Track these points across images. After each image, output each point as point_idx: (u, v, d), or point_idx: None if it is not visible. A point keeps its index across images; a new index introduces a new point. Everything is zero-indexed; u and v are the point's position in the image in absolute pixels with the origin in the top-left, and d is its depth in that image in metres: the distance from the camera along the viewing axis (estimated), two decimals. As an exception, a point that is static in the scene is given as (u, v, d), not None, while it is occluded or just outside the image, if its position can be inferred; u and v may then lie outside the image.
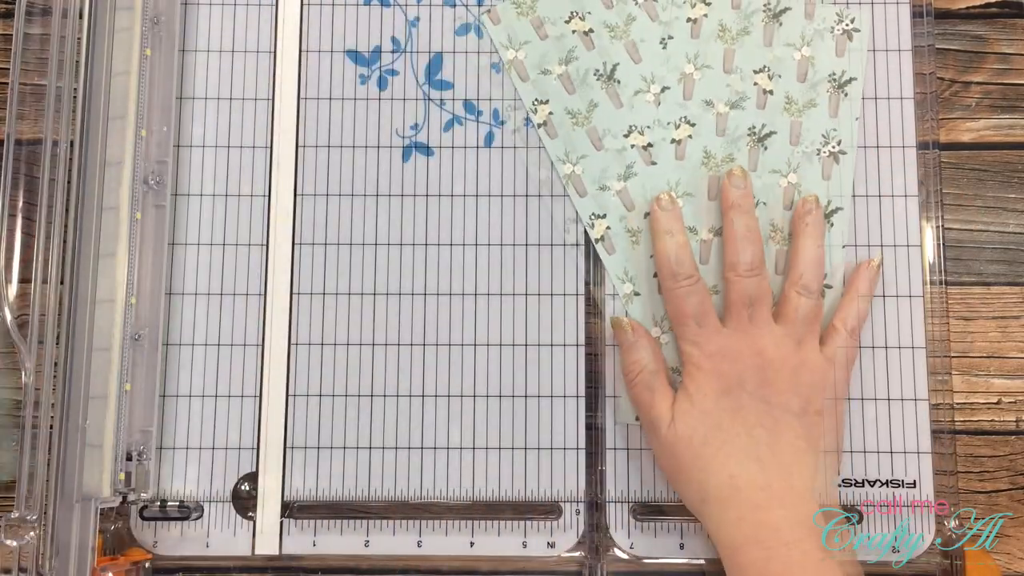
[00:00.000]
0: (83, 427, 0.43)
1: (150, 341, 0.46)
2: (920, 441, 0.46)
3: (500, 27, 0.49)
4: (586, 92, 0.48)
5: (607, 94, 0.48)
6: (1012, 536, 0.47)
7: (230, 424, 0.47)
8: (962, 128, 0.49)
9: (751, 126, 0.48)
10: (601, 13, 0.49)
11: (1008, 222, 0.49)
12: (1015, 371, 0.48)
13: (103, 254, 0.44)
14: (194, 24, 0.49)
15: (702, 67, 0.48)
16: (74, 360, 0.43)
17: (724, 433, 0.40)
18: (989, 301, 0.48)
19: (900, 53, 0.48)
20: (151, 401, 0.46)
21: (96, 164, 0.44)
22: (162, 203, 0.47)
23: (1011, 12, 0.50)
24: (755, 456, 0.39)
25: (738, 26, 0.48)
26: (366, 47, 0.49)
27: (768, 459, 0.39)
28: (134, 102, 0.46)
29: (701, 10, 0.48)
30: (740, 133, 0.48)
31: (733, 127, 0.48)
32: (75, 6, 0.44)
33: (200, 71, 0.49)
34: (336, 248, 0.48)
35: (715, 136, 0.48)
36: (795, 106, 0.48)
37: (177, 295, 0.48)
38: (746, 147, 0.48)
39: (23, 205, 0.45)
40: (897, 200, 0.47)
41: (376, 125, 0.49)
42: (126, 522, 0.46)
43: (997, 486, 0.47)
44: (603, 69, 0.48)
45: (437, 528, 0.46)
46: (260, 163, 0.48)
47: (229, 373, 0.47)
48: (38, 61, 0.45)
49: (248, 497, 0.46)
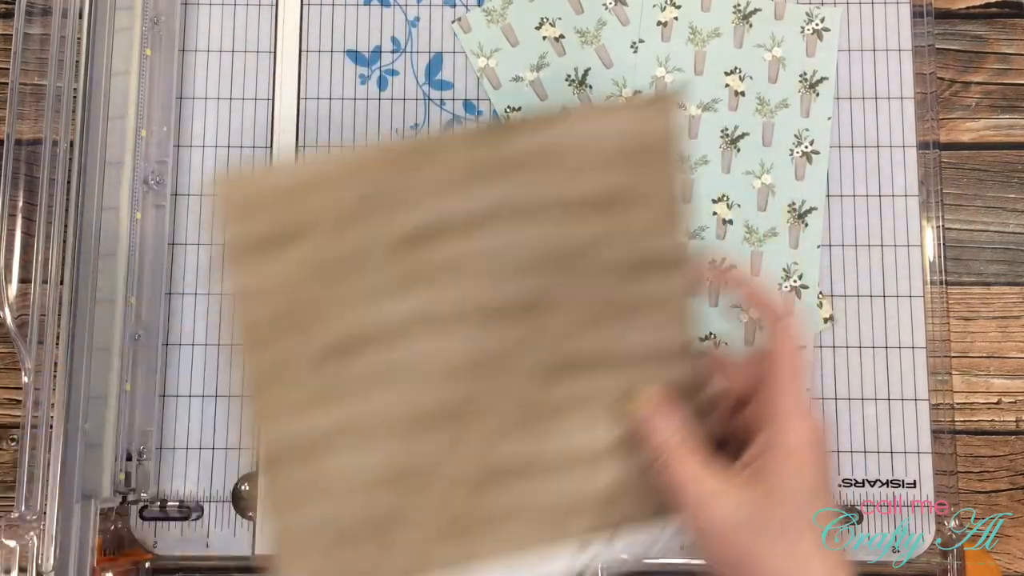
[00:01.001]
0: (83, 427, 0.43)
1: (150, 341, 0.46)
2: (920, 441, 0.46)
3: (471, 35, 0.49)
4: (558, 97, 0.48)
5: (579, 99, 0.48)
6: (1012, 536, 0.47)
7: (230, 424, 0.47)
8: (962, 128, 0.49)
9: (723, 128, 0.48)
10: (571, 19, 0.48)
11: (1008, 222, 0.49)
12: (1015, 371, 0.48)
13: (103, 254, 0.44)
14: (194, 24, 0.49)
15: (673, 70, 0.48)
16: (74, 360, 0.43)
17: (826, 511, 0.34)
18: (989, 301, 0.48)
19: (900, 53, 0.48)
20: (151, 401, 0.46)
21: (96, 164, 0.44)
22: (162, 203, 0.47)
23: (1011, 12, 0.50)
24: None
25: (708, 28, 0.48)
26: (366, 47, 0.49)
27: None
28: (134, 102, 0.46)
29: (671, 13, 0.48)
30: (713, 135, 0.48)
31: (706, 130, 0.48)
32: (75, 6, 0.44)
33: (200, 71, 0.49)
34: (336, 248, 0.48)
35: (688, 139, 0.48)
36: (767, 107, 0.48)
37: (177, 295, 0.48)
38: (719, 149, 0.48)
39: (23, 205, 0.45)
40: (897, 200, 0.47)
41: (376, 125, 0.49)
42: (126, 522, 0.46)
43: (997, 486, 0.47)
44: (574, 75, 0.48)
45: (437, 528, 0.46)
46: (260, 163, 0.48)
47: (229, 373, 0.47)
48: (38, 61, 0.45)
49: (248, 497, 0.46)
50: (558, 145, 0.35)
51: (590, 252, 0.35)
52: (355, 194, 0.34)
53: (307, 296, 0.34)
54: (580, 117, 0.35)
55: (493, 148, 0.35)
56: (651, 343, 0.35)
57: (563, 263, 0.35)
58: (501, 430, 0.35)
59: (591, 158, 0.35)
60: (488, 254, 0.35)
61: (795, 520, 0.33)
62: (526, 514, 0.35)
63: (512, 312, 0.35)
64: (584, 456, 0.35)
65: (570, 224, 0.35)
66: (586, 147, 0.35)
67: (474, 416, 0.35)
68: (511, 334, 0.35)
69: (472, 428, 0.35)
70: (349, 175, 0.34)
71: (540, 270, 0.35)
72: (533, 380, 0.35)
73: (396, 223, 0.34)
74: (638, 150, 0.35)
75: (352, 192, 0.34)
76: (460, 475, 0.35)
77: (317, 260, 0.34)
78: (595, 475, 0.35)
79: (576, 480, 0.35)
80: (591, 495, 0.36)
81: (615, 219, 0.35)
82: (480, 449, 0.35)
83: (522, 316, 0.35)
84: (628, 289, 0.35)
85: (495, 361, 0.35)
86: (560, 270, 0.35)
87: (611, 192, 0.35)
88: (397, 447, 0.35)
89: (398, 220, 0.34)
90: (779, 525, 0.33)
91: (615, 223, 0.35)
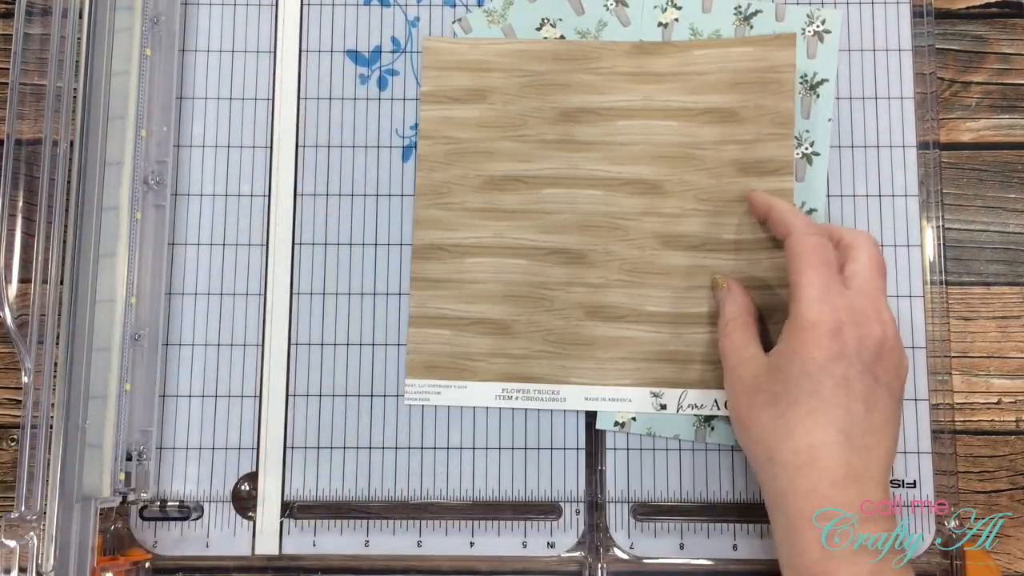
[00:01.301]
0: (83, 427, 0.43)
1: (150, 341, 0.46)
2: (920, 441, 0.46)
3: (471, 36, 0.49)
4: None
5: None
6: (1012, 536, 0.47)
7: (230, 424, 0.47)
8: (962, 128, 0.49)
9: None
10: (572, 20, 0.48)
11: (1008, 222, 0.49)
12: (1015, 371, 0.48)
13: (103, 254, 0.44)
14: (194, 24, 0.49)
15: None
16: (74, 360, 0.43)
17: (821, 402, 0.37)
18: (989, 301, 0.48)
19: (900, 53, 0.48)
20: (151, 401, 0.46)
21: (96, 164, 0.44)
22: (162, 203, 0.47)
23: (1011, 12, 0.50)
24: (845, 431, 0.37)
25: (710, 29, 0.48)
26: (366, 47, 0.49)
27: (856, 436, 0.37)
28: (134, 102, 0.46)
29: (672, 14, 0.48)
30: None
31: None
32: (75, 6, 0.44)
33: (200, 71, 0.49)
34: (336, 248, 0.48)
35: None
36: None
37: (177, 295, 0.48)
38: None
39: (23, 205, 0.45)
40: (897, 200, 0.47)
41: (376, 125, 0.49)
42: (126, 522, 0.46)
43: (997, 486, 0.47)
44: None
45: (437, 528, 0.46)
46: (260, 163, 0.48)
47: (229, 373, 0.47)
48: (38, 61, 0.45)
49: (248, 497, 0.46)
50: (694, 65, 0.47)
51: (708, 150, 0.46)
52: (519, 80, 0.47)
53: (478, 142, 0.47)
54: (716, 44, 0.47)
55: (643, 60, 0.47)
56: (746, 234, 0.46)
57: (685, 157, 0.46)
58: (611, 279, 0.46)
59: (719, 78, 0.47)
60: (624, 141, 0.47)
61: (787, 393, 0.38)
62: (614, 353, 0.46)
63: (638, 187, 0.46)
64: (670, 320, 0.46)
65: (695, 127, 0.46)
66: (717, 68, 0.47)
67: (589, 263, 0.46)
68: (636, 202, 0.46)
69: (588, 271, 0.46)
70: (519, 62, 0.47)
71: (665, 159, 0.46)
72: (645, 246, 0.46)
73: (558, 103, 0.47)
74: (760, 74, 0.47)
75: (518, 78, 0.47)
76: (570, 305, 0.46)
77: (489, 118, 0.47)
78: (678, 338, 0.46)
79: (663, 337, 0.46)
80: (671, 352, 0.46)
81: (732, 128, 0.46)
82: (591, 290, 0.46)
83: (646, 192, 0.46)
84: (734, 186, 0.46)
85: (615, 221, 0.46)
86: (681, 162, 0.46)
87: (732, 106, 0.47)
88: (525, 267, 0.46)
89: (560, 102, 0.47)
90: (771, 396, 0.39)
91: (731, 132, 0.46)
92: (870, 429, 0.38)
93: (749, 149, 0.46)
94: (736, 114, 0.47)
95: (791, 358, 0.38)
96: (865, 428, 0.37)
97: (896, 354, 0.39)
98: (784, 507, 0.38)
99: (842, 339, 0.38)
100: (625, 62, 0.47)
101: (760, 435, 0.39)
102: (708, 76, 0.47)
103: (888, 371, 0.39)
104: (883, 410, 0.38)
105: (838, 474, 0.37)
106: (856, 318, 0.38)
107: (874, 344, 0.38)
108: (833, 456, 0.37)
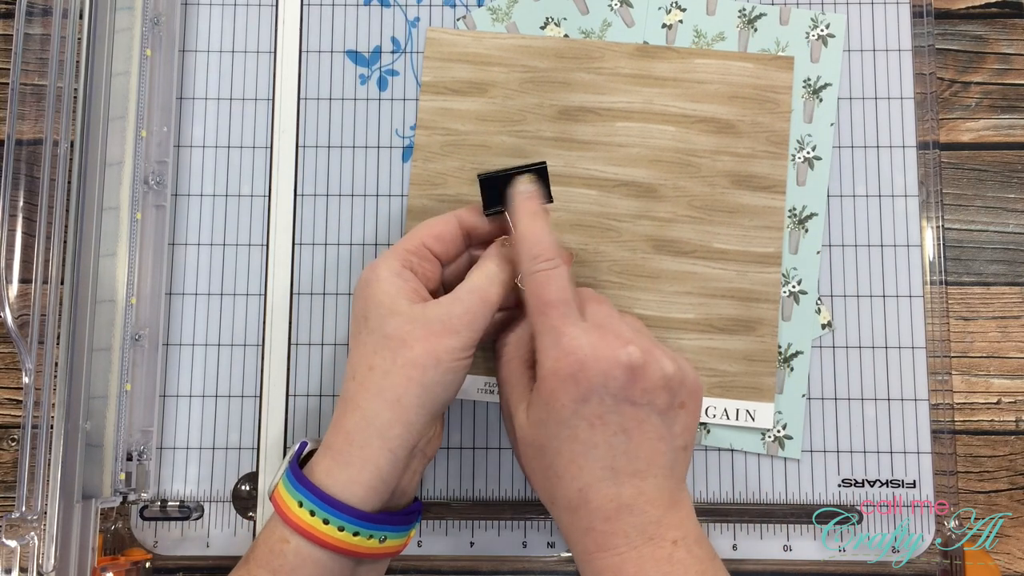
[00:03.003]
0: (83, 427, 0.43)
1: (150, 341, 0.46)
2: (920, 441, 0.46)
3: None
4: None
5: None
6: (1012, 536, 0.47)
7: (230, 424, 0.47)
8: (962, 128, 0.49)
9: None
10: (576, 19, 0.48)
11: (1008, 222, 0.49)
12: (1015, 371, 0.48)
13: (103, 254, 0.44)
14: (194, 24, 0.49)
15: None
16: (74, 360, 0.43)
17: (581, 445, 0.37)
18: (989, 301, 0.48)
19: (900, 53, 0.48)
20: (151, 401, 0.46)
21: (96, 164, 0.44)
22: (162, 203, 0.48)
23: (1011, 12, 0.50)
24: (610, 466, 0.37)
25: (713, 32, 0.48)
26: (366, 47, 0.49)
27: (623, 466, 0.37)
28: (134, 102, 0.46)
29: (676, 16, 0.48)
30: None
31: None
32: (75, 6, 0.44)
33: (200, 71, 0.49)
34: (336, 248, 0.48)
35: None
36: None
37: (177, 295, 0.48)
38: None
39: (23, 205, 0.45)
40: (897, 200, 0.47)
41: (376, 125, 0.49)
42: (126, 522, 0.46)
43: (997, 486, 0.47)
44: None
45: (437, 528, 0.46)
46: (260, 163, 0.48)
47: (229, 373, 0.47)
48: (38, 61, 0.45)
49: (248, 497, 0.46)
50: (695, 73, 0.47)
51: (704, 158, 0.47)
52: (520, 76, 0.48)
53: (476, 135, 0.47)
54: (717, 56, 0.48)
55: (645, 63, 0.47)
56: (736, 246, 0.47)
57: (681, 163, 0.47)
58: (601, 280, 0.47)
59: (718, 89, 0.47)
60: (622, 142, 0.47)
61: (549, 445, 0.38)
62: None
63: (633, 189, 0.47)
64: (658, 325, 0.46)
65: (692, 134, 0.47)
66: (717, 79, 0.47)
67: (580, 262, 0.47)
68: (630, 204, 0.47)
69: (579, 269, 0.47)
70: (522, 58, 0.48)
71: (661, 163, 0.47)
72: (636, 249, 0.47)
73: (558, 101, 0.47)
74: (758, 92, 0.47)
75: (519, 74, 0.48)
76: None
77: (488, 112, 0.47)
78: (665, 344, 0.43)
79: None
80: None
81: (728, 140, 0.47)
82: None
83: (640, 195, 0.47)
84: (727, 196, 0.47)
85: (607, 222, 0.47)
86: (677, 167, 0.47)
87: (729, 118, 0.47)
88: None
89: (560, 99, 0.47)
90: (538, 448, 0.38)
91: (728, 143, 0.47)
92: (638, 455, 0.37)
93: (744, 162, 0.47)
94: (733, 127, 0.47)
95: (545, 409, 0.37)
96: (632, 456, 0.37)
97: (650, 368, 0.37)
98: (571, 546, 0.38)
99: (586, 378, 0.36)
100: (627, 64, 0.47)
101: (538, 484, 0.39)
102: (708, 86, 0.47)
103: (646, 390, 0.37)
104: (649, 430, 0.37)
105: (610, 509, 0.37)
106: (596, 351, 0.37)
107: (621, 370, 0.36)
108: (602, 493, 0.37)
